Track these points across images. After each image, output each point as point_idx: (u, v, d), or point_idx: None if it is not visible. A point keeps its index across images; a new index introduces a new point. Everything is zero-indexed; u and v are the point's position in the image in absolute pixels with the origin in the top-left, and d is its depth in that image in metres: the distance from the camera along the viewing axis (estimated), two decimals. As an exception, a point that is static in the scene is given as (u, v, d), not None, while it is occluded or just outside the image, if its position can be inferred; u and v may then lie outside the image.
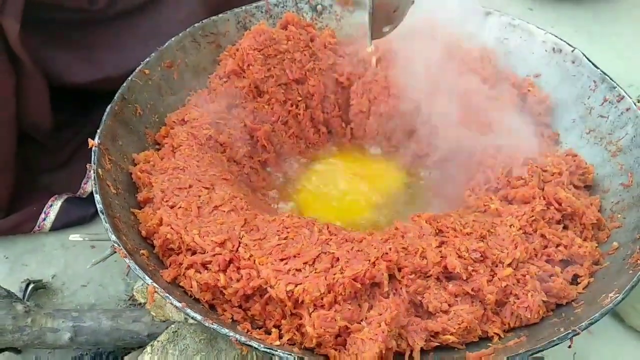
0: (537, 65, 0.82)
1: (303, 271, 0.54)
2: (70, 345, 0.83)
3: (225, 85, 0.80)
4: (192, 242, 0.56)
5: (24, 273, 0.90)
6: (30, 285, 0.91)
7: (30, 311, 0.81)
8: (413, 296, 0.55)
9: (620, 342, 0.81)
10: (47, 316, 0.82)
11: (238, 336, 0.47)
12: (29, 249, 0.93)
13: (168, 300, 0.50)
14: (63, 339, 0.82)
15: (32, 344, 0.83)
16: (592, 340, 0.81)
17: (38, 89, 0.82)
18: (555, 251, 0.59)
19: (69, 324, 0.81)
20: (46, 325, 0.81)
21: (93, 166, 0.61)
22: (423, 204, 0.75)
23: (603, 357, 0.79)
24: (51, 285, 0.94)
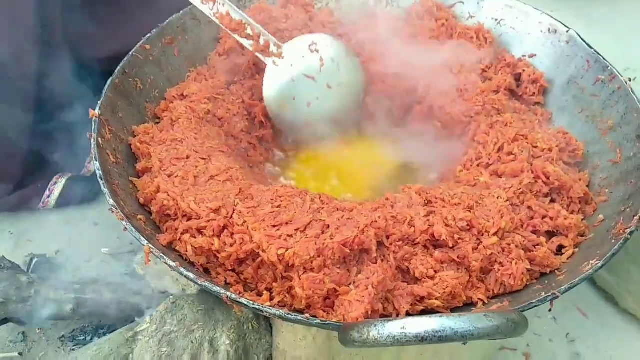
0: (533, 46, 0.83)
1: (294, 237, 0.55)
2: (72, 316, 0.85)
3: (225, 62, 0.82)
4: (188, 208, 0.58)
5: (28, 248, 0.92)
6: (34, 260, 0.93)
7: (33, 283, 0.83)
8: (400, 262, 0.56)
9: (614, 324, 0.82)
10: (50, 288, 0.83)
11: (229, 294, 0.49)
12: (34, 225, 0.95)
13: (162, 260, 0.52)
14: (65, 310, 0.84)
15: (35, 315, 0.84)
16: (586, 323, 0.82)
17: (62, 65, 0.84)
18: (541, 222, 0.60)
19: (71, 295, 0.82)
20: (49, 297, 0.82)
21: (93, 135, 0.63)
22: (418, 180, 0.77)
23: (597, 340, 0.80)
24: (55, 260, 0.95)
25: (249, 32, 0.75)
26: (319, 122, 0.78)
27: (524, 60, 0.82)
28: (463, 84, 0.80)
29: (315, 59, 0.76)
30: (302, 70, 0.76)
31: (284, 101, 0.76)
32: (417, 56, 0.84)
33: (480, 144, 0.72)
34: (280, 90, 0.76)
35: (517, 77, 0.82)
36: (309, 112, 0.76)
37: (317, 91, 0.76)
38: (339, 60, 0.77)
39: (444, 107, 0.79)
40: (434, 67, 0.82)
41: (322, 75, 0.76)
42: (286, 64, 0.76)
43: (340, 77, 0.77)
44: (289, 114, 0.77)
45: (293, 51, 0.76)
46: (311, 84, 0.76)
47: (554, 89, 0.80)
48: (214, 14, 0.74)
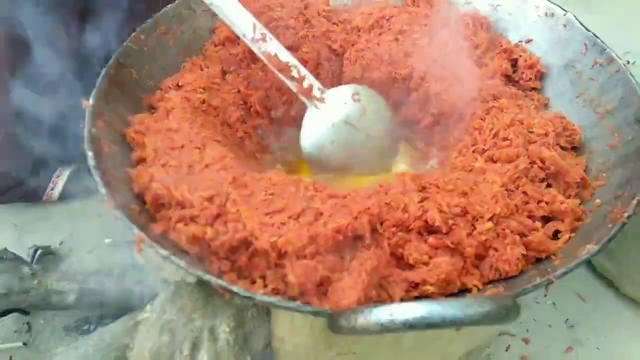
0: (530, 31, 0.82)
1: (287, 224, 0.55)
2: (75, 306, 0.86)
3: (220, 52, 0.82)
4: (182, 197, 0.58)
5: (32, 240, 0.93)
6: (38, 251, 0.93)
7: (36, 274, 0.83)
8: (394, 249, 0.56)
9: (614, 310, 0.82)
10: (53, 279, 0.84)
11: (220, 282, 0.49)
12: (38, 217, 0.96)
13: (154, 248, 0.52)
14: (68, 300, 0.84)
15: (38, 305, 0.85)
16: (586, 308, 0.82)
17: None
18: (536, 207, 0.60)
19: (74, 286, 0.83)
20: (52, 287, 0.83)
21: (87, 125, 0.63)
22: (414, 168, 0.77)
23: (597, 325, 0.80)
24: (58, 251, 0.96)
25: (294, 74, 0.75)
26: (353, 165, 0.79)
27: (521, 45, 0.82)
28: (459, 71, 0.79)
29: (357, 108, 0.77)
30: (344, 117, 0.76)
31: (323, 144, 0.77)
32: (413, 43, 0.84)
33: (475, 129, 0.71)
34: (320, 133, 0.77)
35: (514, 63, 0.81)
36: (345, 155, 0.78)
37: (355, 138, 0.77)
38: (378, 113, 0.79)
39: (440, 94, 0.78)
40: (430, 53, 0.82)
41: (362, 124, 0.77)
42: (328, 109, 0.76)
43: (378, 128, 0.79)
44: (325, 156, 0.77)
45: (336, 97, 0.77)
46: (351, 131, 0.77)
47: (551, 73, 0.79)
48: (263, 53, 0.74)
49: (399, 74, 0.82)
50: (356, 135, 0.77)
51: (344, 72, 0.85)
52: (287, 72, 0.75)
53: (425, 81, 0.80)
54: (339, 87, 0.80)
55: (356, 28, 0.86)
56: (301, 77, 0.76)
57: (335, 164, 0.78)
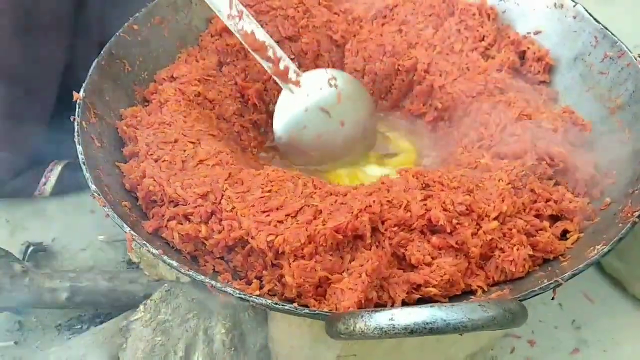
0: (538, 22, 0.79)
1: (285, 223, 0.53)
2: (67, 305, 0.84)
3: (217, 43, 0.79)
4: (175, 193, 0.56)
5: (24, 236, 0.91)
6: (30, 248, 0.92)
7: (27, 271, 0.82)
8: (396, 248, 0.54)
9: (622, 311, 0.80)
10: (45, 276, 0.83)
11: (214, 282, 0.47)
12: (30, 213, 0.94)
13: (145, 248, 0.50)
14: (60, 299, 0.83)
15: (30, 303, 0.84)
16: (593, 309, 0.80)
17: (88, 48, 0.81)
18: (544, 206, 0.58)
19: (65, 284, 0.81)
20: (43, 285, 0.81)
21: (77, 119, 0.61)
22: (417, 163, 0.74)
23: (605, 326, 0.78)
24: (51, 248, 0.95)
25: (270, 54, 0.72)
26: (325, 154, 0.76)
27: (529, 37, 0.79)
28: (465, 63, 0.76)
29: (332, 94, 0.74)
30: (318, 102, 0.73)
31: (295, 129, 0.74)
32: (417, 34, 0.81)
33: (482, 124, 0.69)
34: (293, 117, 0.74)
35: (522, 55, 0.78)
36: (317, 143, 0.75)
37: (329, 125, 0.74)
38: (355, 100, 0.76)
39: (444, 87, 0.76)
40: (435, 45, 0.79)
41: (337, 110, 0.74)
42: (302, 93, 0.73)
43: (354, 116, 0.76)
44: (296, 142, 0.75)
45: (311, 82, 0.74)
46: (324, 117, 0.74)
47: (560, 66, 0.76)
48: (239, 31, 0.71)
49: (402, 65, 0.80)
50: (331, 121, 0.74)
51: (345, 64, 0.82)
52: (262, 52, 0.72)
53: (430, 74, 0.78)
54: (315, 70, 0.77)
55: (358, 18, 0.84)
56: (277, 58, 0.72)
57: (307, 151, 0.75)
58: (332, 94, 0.74)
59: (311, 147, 0.75)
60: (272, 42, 0.73)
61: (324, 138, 0.75)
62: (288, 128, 0.74)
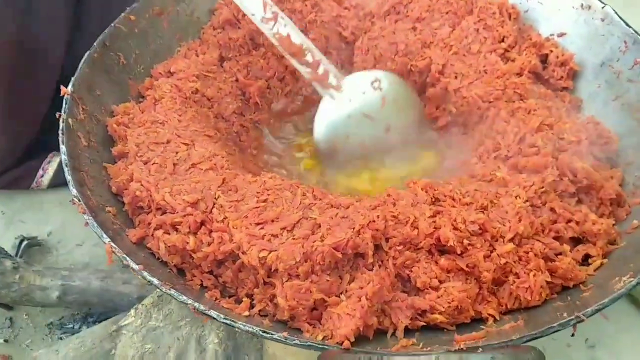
0: (563, 24, 0.74)
1: (280, 237, 0.49)
2: (58, 304, 0.82)
3: (219, 36, 0.74)
4: (162, 200, 0.52)
5: (20, 229, 0.89)
6: (24, 242, 0.89)
7: (18, 268, 0.80)
8: (400, 269, 0.49)
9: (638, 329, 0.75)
10: (36, 273, 0.81)
11: (197, 304, 0.43)
12: (27, 205, 0.92)
13: (125, 261, 0.45)
14: (51, 297, 0.81)
15: (20, 301, 0.81)
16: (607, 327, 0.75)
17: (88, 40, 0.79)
18: (565, 227, 0.53)
19: (57, 282, 0.79)
20: (34, 283, 0.79)
21: (63, 115, 0.56)
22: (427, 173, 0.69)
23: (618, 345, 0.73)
24: (46, 242, 0.93)
25: (308, 58, 0.67)
26: (368, 162, 0.71)
27: (552, 39, 0.73)
28: (482, 65, 0.71)
29: (377, 98, 0.69)
30: (361, 107, 0.68)
31: (337, 138, 0.69)
32: (432, 33, 0.76)
33: (499, 133, 0.63)
34: (334, 126, 0.69)
35: (544, 59, 0.73)
36: (361, 151, 0.70)
37: (373, 131, 0.69)
38: (401, 103, 0.71)
39: (460, 91, 0.71)
40: (451, 45, 0.74)
41: (381, 115, 0.69)
42: (344, 99, 0.68)
43: (399, 121, 0.71)
44: (339, 151, 0.70)
45: (353, 85, 0.69)
46: (368, 123, 0.69)
47: (585, 72, 0.71)
48: (274, 34, 0.66)
49: (415, 66, 0.75)
50: (375, 127, 0.69)
51: (355, 63, 0.77)
52: (300, 56, 0.67)
53: (444, 76, 0.73)
54: (358, 73, 0.71)
55: (370, 14, 0.79)
56: (316, 62, 0.68)
57: (351, 159, 0.70)
58: (376, 98, 0.69)
59: (354, 155, 0.70)
60: (309, 45, 0.68)
61: (368, 145, 0.70)
62: (330, 137, 0.69)
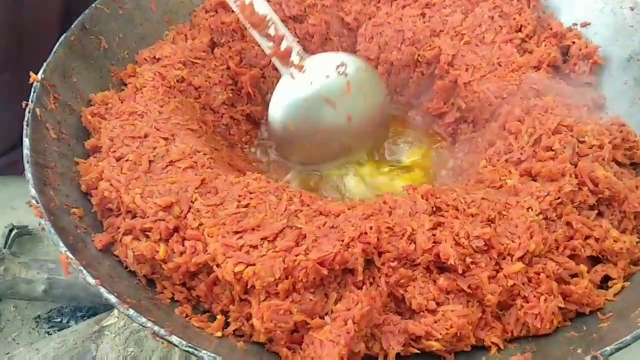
0: (587, 12, 0.68)
1: (259, 248, 0.43)
2: (44, 298, 0.80)
3: (210, 20, 0.69)
4: (132, 203, 0.47)
5: (11, 217, 0.87)
6: (14, 231, 0.87)
7: (4, 259, 0.78)
8: (393, 288, 0.44)
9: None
10: (22, 266, 0.79)
11: (157, 328, 0.38)
12: (20, 193, 0.90)
13: (81, 274, 0.41)
14: (37, 290, 0.79)
15: (5, 294, 0.79)
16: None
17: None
18: (582, 244, 0.47)
19: (43, 275, 0.77)
20: (20, 275, 0.77)
21: (30, 105, 0.51)
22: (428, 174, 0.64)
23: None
24: (37, 232, 0.90)
25: (271, 31, 0.61)
26: (326, 152, 0.65)
27: (575, 29, 0.67)
28: (496, 57, 0.65)
29: (341, 83, 0.63)
30: (322, 91, 0.62)
31: (292, 121, 0.63)
32: (443, 20, 0.70)
33: (511, 133, 0.57)
34: (291, 107, 0.63)
35: (565, 51, 0.67)
36: (318, 139, 0.64)
37: (333, 119, 0.63)
38: (368, 91, 0.64)
39: (470, 84, 0.64)
40: (462, 34, 0.68)
41: (344, 103, 0.63)
42: (305, 80, 0.62)
43: (364, 110, 0.64)
44: (293, 136, 0.63)
45: (317, 67, 0.63)
46: (329, 110, 0.63)
47: (610, 67, 0.65)
48: (235, 1, 0.61)
49: (422, 56, 0.69)
50: (335, 115, 0.63)
51: (357, 51, 0.71)
52: (261, 28, 0.61)
53: (454, 67, 0.67)
54: (323, 54, 0.65)
55: (375, -2, 0.73)
56: (279, 37, 0.61)
57: (305, 147, 0.65)
58: (340, 83, 0.63)
59: (310, 142, 0.64)
60: (274, 17, 0.61)
61: (326, 133, 0.64)
62: (285, 119, 0.63)
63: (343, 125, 0.64)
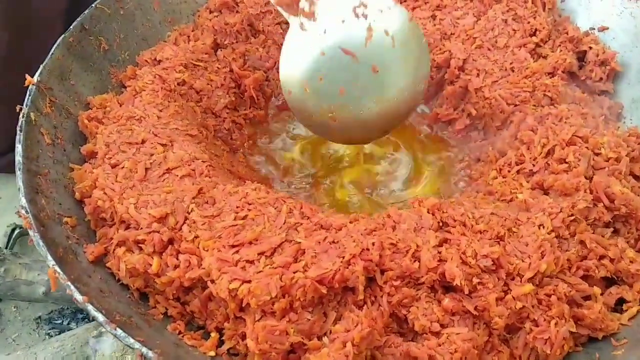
0: (605, 16, 0.66)
1: (256, 264, 0.42)
2: (44, 299, 0.79)
3: (214, 20, 0.67)
4: (126, 213, 0.45)
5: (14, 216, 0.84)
6: (16, 231, 0.86)
7: (4, 260, 0.77)
8: (396, 308, 0.42)
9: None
10: (23, 267, 0.77)
11: (145, 350, 0.36)
12: (23, 191, 0.89)
13: (69, 290, 0.39)
14: (37, 292, 0.78)
15: (5, 295, 0.78)
16: None
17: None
18: (596, 265, 0.44)
19: (44, 277, 0.75)
20: (20, 277, 0.76)
21: (24, 109, 0.50)
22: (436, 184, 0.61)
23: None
24: None
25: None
26: (350, 121, 0.55)
27: (592, 34, 0.65)
28: (509, 62, 0.63)
29: (360, 28, 0.52)
30: (339, 41, 0.52)
31: (307, 81, 0.53)
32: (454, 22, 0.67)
33: (524, 143, 0.55)
34: (305, 65, 0.53)
35: (581, 57, 0.64)
36: (339, 103, 0.53)
37: (356, 74, 0.53)
38: (395, 34, 0.53)
39: (481, 90, 0.62)
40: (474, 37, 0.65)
41: (367, 51, 0.52)
42: (318, 29, 0.52)
43: (394, 58, 0.54)
44: (310, 101, 0.54)
45: (331, 12, 0.53)
46: (349, 63, 0.52)
47: (628, 74, 0.63)
48: None
49: (432, 60, 0.66)
50: (357, 68, 0.53)
51: (365, 54, 0.69)
52: None
53: (465, 72, 0.64)
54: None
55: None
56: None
57: (328, 115, 0.54)
58: (359, 29, 0.52)
59: (332, 108, 0.54)
60: None
61: (350, 93, 0.53)
62: (298, 79, 0.53)
63: (368, 79, 0.53)
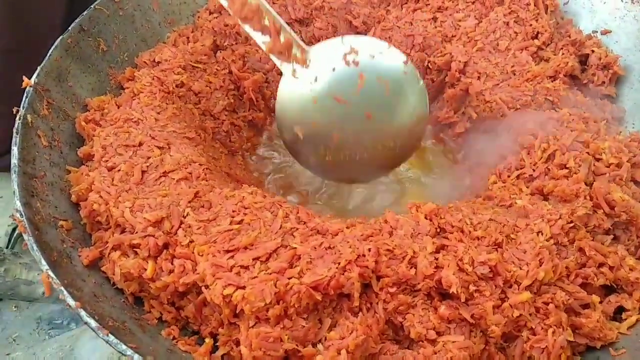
0: (608, 19, 0.65)
1: (251, 270, 0.41)
2: (45, 300, 0.78)
3: (214, 22, 0.67)
4: (121, 217, 0.45)
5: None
6: (17, 231, 0.86)
7: (5, 259, 0.77)
8: (392, 315, 0.42)
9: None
10: (23, 267, 0.78)
11: (137, 357, 0.36)
12: (26, 190, 0.89)
13: (62, 295, 0.39)
14: (37, 292, 0.78)
15: (5, 295, 0.78)
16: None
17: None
18: (595, 273, 0.44)
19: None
20: (20, 277, 0.76)
21: (21, 111, 0.50)
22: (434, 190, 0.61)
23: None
24: None
25: (266, 22, 0.52)
26: (347, 164, 0.55)
27: (595, 37, 0.65)
28: (510, 65, 0.62)
29: (352, 74, 0.52)
30: (330, 88, 0.52)
31: (300, 127, 0.53)
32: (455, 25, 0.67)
33: (524, 147, 0.54)
34: (297, 112, 0.53)
35: (583, 60, 0.64)
36: (334, 147, 0.54)
37: (350, 120, 0.52)
38: (388, 79, 0.52)
39: (482, 93, 0.61)
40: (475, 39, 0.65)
41: (360, 98, 0.52)
42: (309, 77, 0.52)
43: (388, 104, 0.53)
44: (305, 146, 0.54)
45: (321, 59, 0.52)
46: (342, 110, 0.52)
47: (631, 78, 0.62)
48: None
49: (433, 63, 0.66)
50: (349, 114, 0.52)
51: (365, 56, 0.68)
52: (254, 21, 0.51)
53: (466, 75, 0.64)
54: (328, 41, 0.54)
55: (385, 1, 0.70)
56: (276, 29, 0.51)
57: (321, 154, 0.54)
58: (349, 76, 0.52)
59: (325, 153, 0.55)
60: (268, 8, 0.52)
61: (342, 138, 0.53)
62: (292, 125, 0.54)
63: (361, 125, 0.53)
